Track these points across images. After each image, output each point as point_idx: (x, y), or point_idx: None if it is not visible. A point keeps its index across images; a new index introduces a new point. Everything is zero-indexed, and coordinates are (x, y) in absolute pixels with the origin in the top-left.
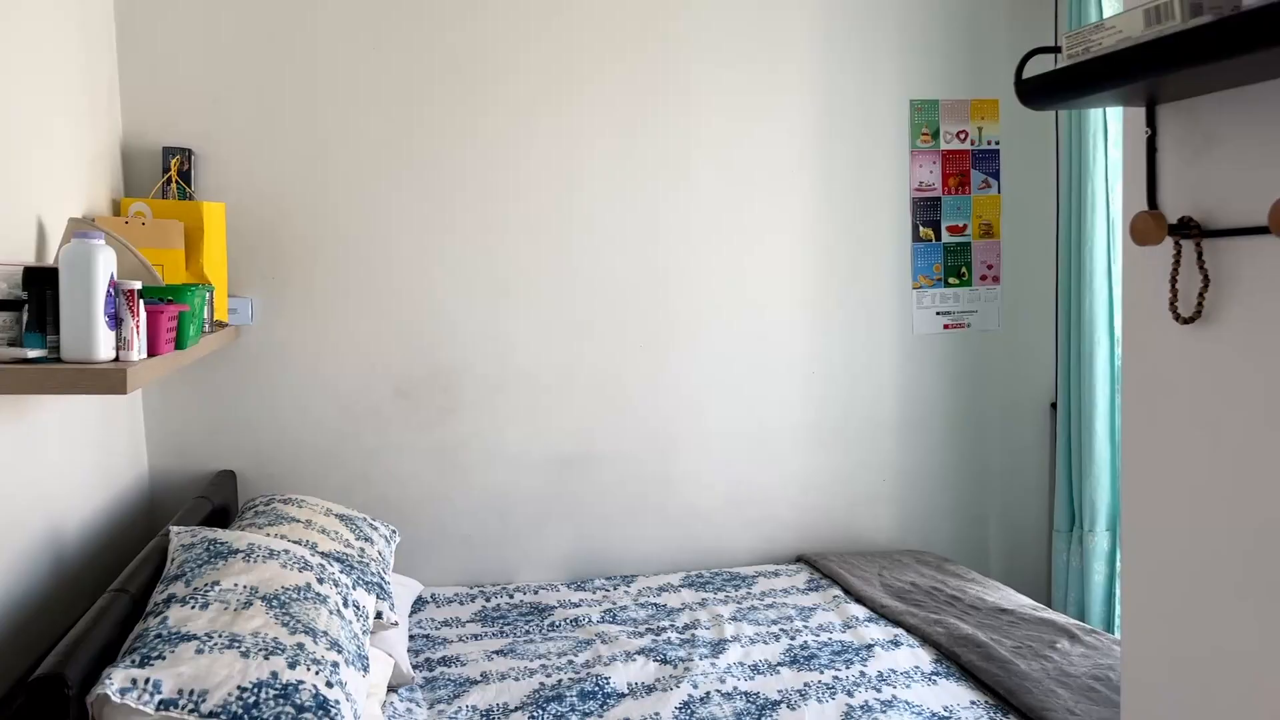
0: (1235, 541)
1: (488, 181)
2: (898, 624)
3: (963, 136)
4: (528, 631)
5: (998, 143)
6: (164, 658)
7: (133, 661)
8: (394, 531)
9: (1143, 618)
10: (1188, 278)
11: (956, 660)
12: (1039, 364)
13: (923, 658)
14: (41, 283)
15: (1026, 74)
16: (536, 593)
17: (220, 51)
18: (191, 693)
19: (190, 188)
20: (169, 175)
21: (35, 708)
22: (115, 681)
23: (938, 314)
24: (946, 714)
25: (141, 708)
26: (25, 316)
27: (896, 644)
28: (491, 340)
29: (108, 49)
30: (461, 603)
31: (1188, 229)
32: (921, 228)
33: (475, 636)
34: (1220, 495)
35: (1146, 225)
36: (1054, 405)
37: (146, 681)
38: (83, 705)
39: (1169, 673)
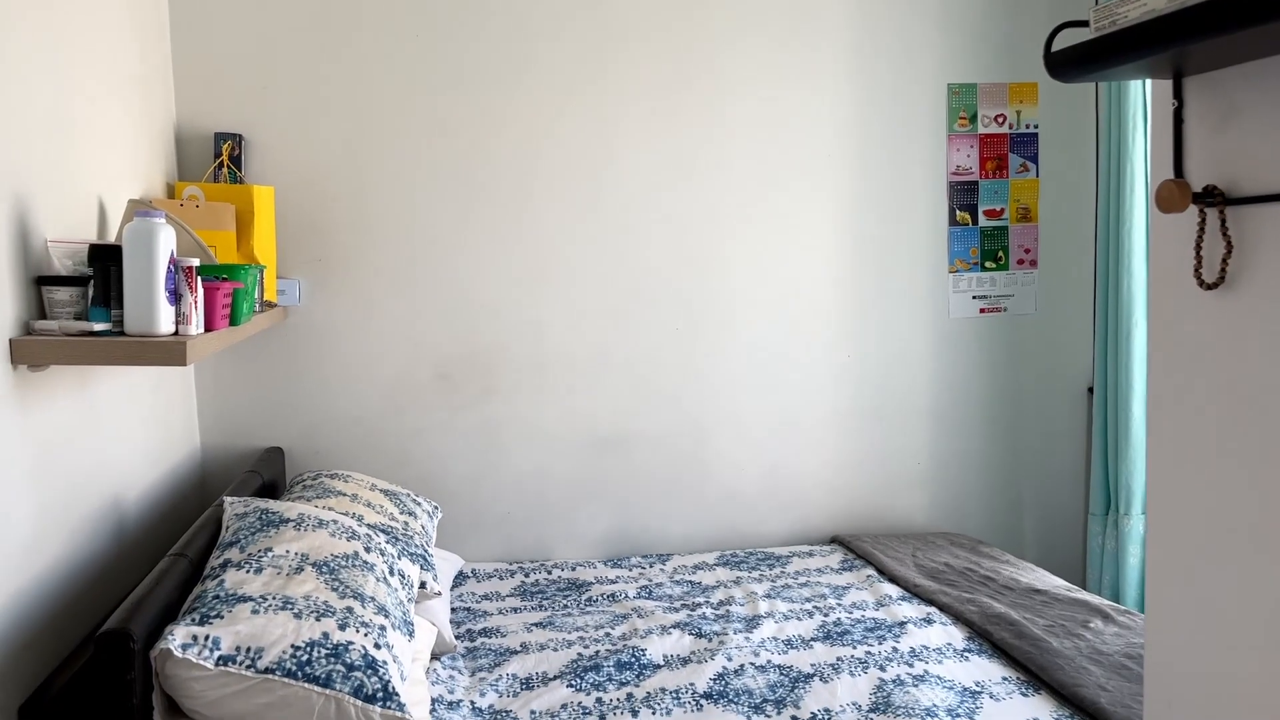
0: (1258, 503)
1: (525, 168)
2: (930, 603)
3: (1001, 120)
4: (566, 606)
5: (1036, 126)
6: (222, 617)
7: (193, 620)
8: (436, 508)
9: (1166, 585)
10: (1212, 244)
11: (989, 638)
12: (1076, 348)
13: (955, 635)
14: (106, 259)
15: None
16: (574, 569)
17: (269, 40)
18: (248, 650)
19: (240, 172)
20: (220, 160)
21: (103, 660)
22: (177, 637)
23: (974, 298)
24: (978, 689)
25: (201, 662)
26: (91, 292)
27: (929, 622)
28: (529, 324)
29: (161, 38)
30: (501, 578)
31: (1212, 197)
32: (958, 211)
33: (515, 610)
34: (1245, 457)
35: (1171, 194)
36: (1091, 389)
37: (206, 638)
38: (146, 659)
39: (1193, 644)
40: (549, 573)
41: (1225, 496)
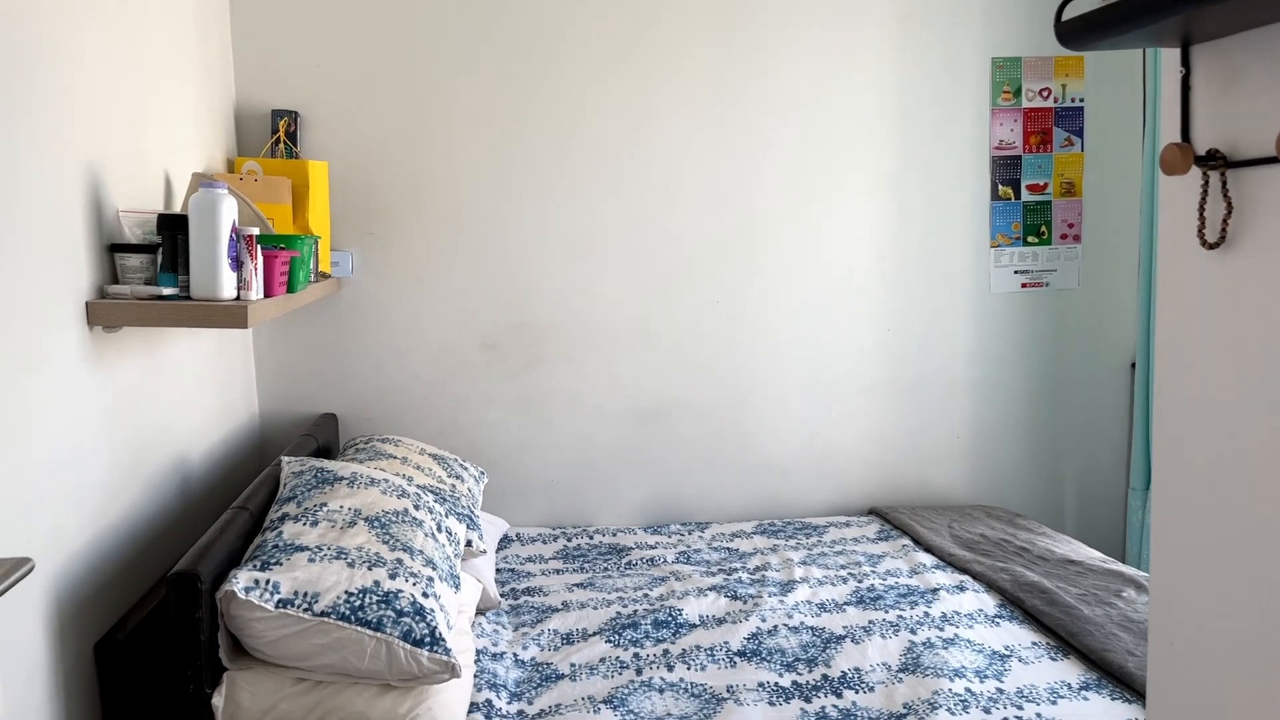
0: (1258, 455)
1: (570, 143)
2: (964, 571)
3: (1045, 94)
4: (606, 568)
5: (1082, 100)
6: (281, 564)
7: (255, 566)
8: (482, 473)
9: (1171, 532)
10: (1214, 206)
11: (1021, 605)
12: (1120, 323)
13: (987, 602)
14: (173, 228)
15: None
16: (615, 535)
17: (324, 20)
18: (306, 594)
19: (296, 148)
20: (277, 136)
21: (173, 599)
22: (240, 581)
23: (1016, 272)
24: (1007, 653)
25: (263, 604)
26: (159, 258)
27: (962, 589)
28: (574, 296)
29: (222, 19)
30: (544, 542)
31: (1214, 160)
32: (1001, 186)
33: (557, 571)
34: (1245, 408)
35: (1174, 157)
36: (1134, 365)
37: (267, 583)
38: (213, 600)
39: (1193, 591)
40: (590, 538)
41: (1227, 447)
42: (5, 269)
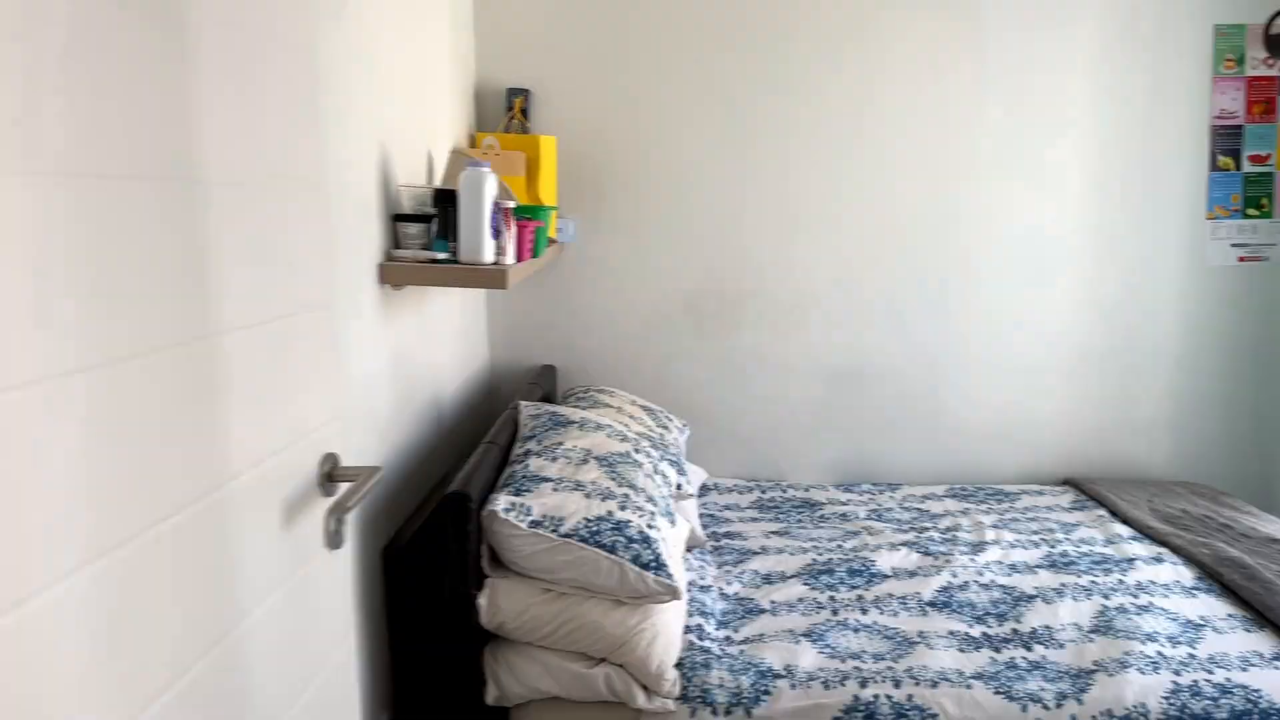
0: None
1: (787, 122)
2: (1163, 544)
3: (1271, 63)
4: (800, 520)
5: None
6: (531, 491)
7: (510, 491)
8: (685, 425)
9: None
10: None
11: (1219, 579)
12: None
13: (1184, 574)
14: (445, 201)
15: None
16: (807, 490)
17: (555, 5)
18: (552, 518)
19: (528, 123)
20: (512, 113)
21: (450, 515)
22: (501, 502)
23: (1233, 246)
24: (1202, 623)
25: (518, 523)
26: (433, 227)
27: (1159, 560)
28: (777, 264)
29: (466, 6)
30: (740, 492)
31: None
32: (1220, 157)
33: (754, 519)
34: None
35: None
36: None
37: (521, 506)
38: (479, 518)
39: None
40: (784, 491)
41: None
42: (336, 236)
